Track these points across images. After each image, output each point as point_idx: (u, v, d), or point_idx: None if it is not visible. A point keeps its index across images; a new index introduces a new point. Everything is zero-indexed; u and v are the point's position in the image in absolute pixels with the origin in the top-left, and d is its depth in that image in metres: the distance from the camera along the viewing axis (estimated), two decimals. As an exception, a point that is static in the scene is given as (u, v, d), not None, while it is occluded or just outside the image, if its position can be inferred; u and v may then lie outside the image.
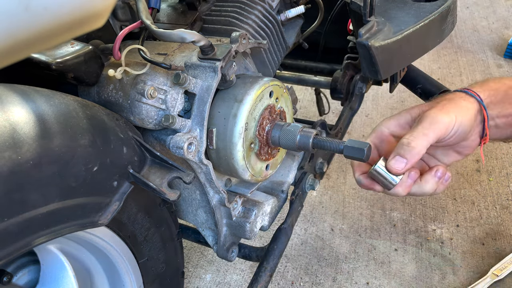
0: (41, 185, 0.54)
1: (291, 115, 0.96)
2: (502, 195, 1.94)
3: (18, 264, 0.74)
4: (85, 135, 0.60)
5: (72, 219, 0.61)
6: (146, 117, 0.77)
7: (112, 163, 0.65)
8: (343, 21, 1.54)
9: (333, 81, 1.46)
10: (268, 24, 1.04)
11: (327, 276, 1.66)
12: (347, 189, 2.07)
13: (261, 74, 0.96)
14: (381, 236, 1.81)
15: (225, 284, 1.66)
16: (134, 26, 0.77)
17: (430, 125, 0.73)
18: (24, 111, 0.54)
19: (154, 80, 0.76)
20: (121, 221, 0.78)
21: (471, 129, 0.78)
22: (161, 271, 0.92)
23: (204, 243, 1.09)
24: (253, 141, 0.85)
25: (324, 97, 1.89)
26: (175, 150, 0.74)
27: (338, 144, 0.82)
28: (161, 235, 0.89)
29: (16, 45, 0.38)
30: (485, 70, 2.94)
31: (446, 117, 0.74)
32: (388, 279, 1.63)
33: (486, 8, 3.82)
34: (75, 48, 0.72)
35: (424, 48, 1.26)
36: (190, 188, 0.94)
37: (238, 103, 0.80)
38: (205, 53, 0.78)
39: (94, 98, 0.80)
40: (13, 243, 0.53)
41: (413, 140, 0.73)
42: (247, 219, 0.94)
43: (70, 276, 0.72)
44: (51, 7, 0.39)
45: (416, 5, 1.25)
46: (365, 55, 1.07)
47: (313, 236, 1.84)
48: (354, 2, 1.16)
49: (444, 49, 3.19)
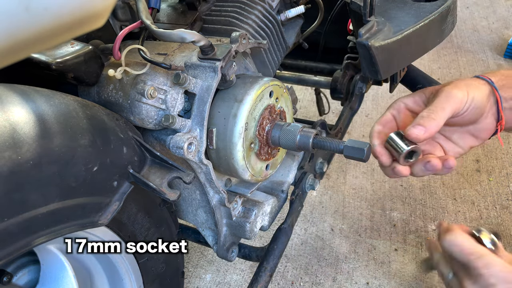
0: (41, 185, 0.54)
1: (291, 115, 0.96)
2: (502, 195, 1.94)
3: (18, 264, 0.73)
4: (85, 135, 0.60)
5: (72, 219, 0.61)
6: (146, 117, 0.77)
7: (112, 163, 0.65)
8: (343, 21, 1.54)
9: (333, 81, 1.46)
10: (268, 24, 1.04)
11: (327, 276, 1.66)
12: (347, 189, 2.07)
13: (261, 74, 0.96)
14: (381, 236, 1.81)
15: (225, 284, 1.66)
16: (134, 26, 0.77)
17: (446, 98, 0.77)
18: (24, 111, 0.54)
19: (154, 80, 0.76)
20: (121, 221, 0.78)
21: (484, 107, 0.80)
22: (161, 271, 0.92)
23: (204, 243, 1.09)
24: (253, 141, 0.85)
25: (324, 97, 1.89)
26: (175, 150, 0.74)
27: (338, 144, 0.82)
28: (161, 235, 0.89)
29: (16, 45, 0.38)
30: (485, 70, 2.94)
31: (459, 92, 0.77)
32: (388, 279, 1.63)
33: (486, 8, 3.82)
34: (75, 48, 0.72)
35: (424, 48, 1.26)
36: (190, 188, 0.94)
37: (238, 103, 0.80)
38: (205, 53, 0.78)
39: (94, 98, 0.80)
40: (13, 243, 0.53)
41: (432, 112, 0.76)
42: (247, 219, 0.94)
43: (70, 276, 0.72)
44: (51, 7, 0.39)
45: (416, 5, 1.25)
46: (365, 55, 1.07)
47: (313, 236, 1.83)
48: (354, 2, 1.16)
49: (444, 49, 3.19)
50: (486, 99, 0.80)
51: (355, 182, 2.10)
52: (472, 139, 0.86)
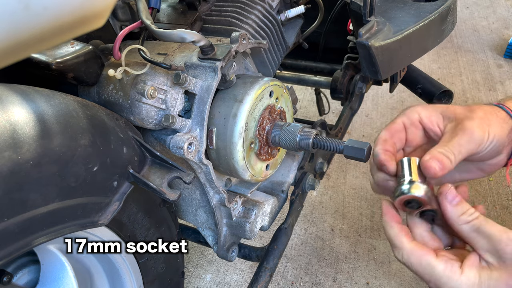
0: (41, 185, 0.54)
1: (291, 115, 0.96)
2: (502, 195, 1.94)
3: (18, 264, 0.73)
4: (85, 135, 0.60)
5: (72, 219, 0.61)
6: (146, 117, 0.77)
7: (112, 163, 0.65)
8: (343, 21, 1.54)
9: (333, 81, 1.46)
10: (268, 24, 1.04)
11: (327, 276, 1.66)
12: (347, 189, 2.07)
13: (261, 74, 0.96)
14: (381, 236, 1.80)
15: (225, 284, 1.66)
16: (134, 26, 0.77)
17: (467, 142, 0.68)
18: (24, 111, 0.54)
19: (154, 80, 0.76)
20: (121, 221, 0.78)
21: (502, 147, 0.72)
22: (161, 271, 0.92)
23: (204, 243, 1.09)
24: (253, 141, 0.85)
25: (324, 97, 1.89)
26: (175, 150, 0.74)
27: (338, 144, 0.82)
28: (161, 235, 0.89)
29: (16, 45, 0.38)
30: (485, 70, 2.95)
31: (481, 133, 0.69)
32: (388, 279, 1.63)
33: (486, 8, 3.83)
34: (75, 48, 0.72)
35: (424, 48, 1.26)
36: (190, 188, 0.94)
37: (238, 103, 0.80)
38: (205, 53, 0.78)
39: (94, 98, 0.80)
40: (13, 243, 0.53)
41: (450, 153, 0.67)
42: (247, 219, 0.94)
43: (70, 276, 0.72)
44: (51, 7, 0.39)
45: (416, 5, 1.25)
46: (365, 55, 1.08)
47: (313, 236, 1.83)
48: (354, 2, 1.17)
49: (444, 49, 3.19)
50: (506, 138, 0.72)
51: (355, 182, 2.10)
52: (478, 172, 0.79)
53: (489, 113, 0.72)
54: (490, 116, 0.72)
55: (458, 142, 0.68)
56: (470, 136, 0.68)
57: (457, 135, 0.69)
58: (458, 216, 0.63)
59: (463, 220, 0.63)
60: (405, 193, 0.64)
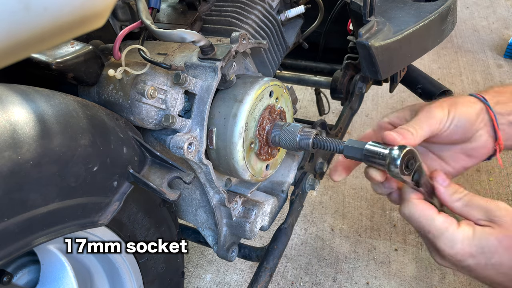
0: (41, 185, 0.54)
1: (291, 115, 0.96)
2: (502, 195, 1.94)
3: (18, 264, 0.74)
4: (85, 135, 0.60)
5: (72, 219, 0.61)
6: (146, 117, 0.77)
7: (112, 163, 0.65)
8: (343, 21, 1.54)
9: (333, 81, 1.46)
10: (268, 24, 1.04)
11: (327, 276, 1.66)
12: (347, 189, 2.07)
13: (261, 74, 0.96)
14: (381, 236, 1.81)
15: (225, 284, 1.66)
16: (134, 26, 0.77)
17: (426, 118, 0.75)
18: (24, 111, 0.54)
19: (154, 80, 0.76)
20: (121, 221, 0.78)
21: (471, 125, 0.77)
22: (161, 271, 0.92)
23: (204, 243, 1.09)
24: (253, 141, 0.85)
25: (324, 97, 1.89)
26: (175, 150, 0.74)
27: (338, 144, 0.82)
28: (161, 235, 0.89)
29: (16, 45, 0.38)
30: (485, 70, 2.95)
31: (439, 111, 0.76)
32: (388, 279, 1.63)
33: (486, 8, 3.83)
34: (75, 48, 0.72)
35: (424, 48, 1.26)
36: (190, 188, 0.94)
37: (238, 103, 0.80)
38: (205, 53, 0.78)
39: (94, 98, 0.80)
40: (13, 243, 0.53)
41: (410, 127, 0.74)
42: (247, 219, 0.94)
43: (70, 276, 0.72)
44: (51, 7, 0.39)
45: (416, 5, 1.25)
46: (365, 55, 1.08)
47: (313, 236, 1.84)
48: (354, 2, 1.17)
49: (444, 49, 3.19)
50: (475, 117, 0.77)
51: (355, 182, 2.10)
52: (466, 158, 0.83)
53: (455, 98, 0.79)
54: (455, 100, 0.78)
55: (417, 119, 0.75)
56: (428, 113, 0.75)
57: (416, 115, 0.76)
58: (450, 195, 0.70)
59: (455, 198, 0.70)
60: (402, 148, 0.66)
